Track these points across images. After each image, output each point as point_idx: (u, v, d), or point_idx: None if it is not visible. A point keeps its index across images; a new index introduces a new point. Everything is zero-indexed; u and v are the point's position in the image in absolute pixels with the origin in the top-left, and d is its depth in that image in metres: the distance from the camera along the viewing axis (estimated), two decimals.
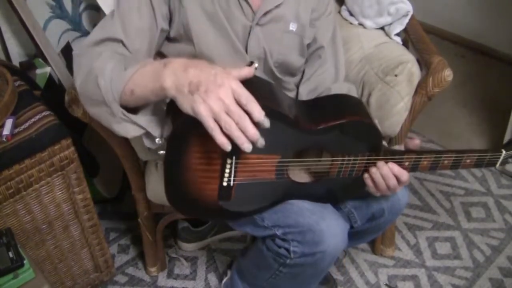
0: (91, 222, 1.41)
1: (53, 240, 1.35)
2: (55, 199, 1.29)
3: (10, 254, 0.99)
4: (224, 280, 1.54)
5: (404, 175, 1.02)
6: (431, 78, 1.30)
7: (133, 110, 0.94)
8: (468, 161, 1.04)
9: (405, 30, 1.51)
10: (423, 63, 1.37)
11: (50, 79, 1.56)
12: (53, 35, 1.72)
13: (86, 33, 1.82)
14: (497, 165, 1.06)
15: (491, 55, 2.59)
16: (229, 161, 0.97)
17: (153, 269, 1.63)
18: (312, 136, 0.98)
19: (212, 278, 1.63)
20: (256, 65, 0.90)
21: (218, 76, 0.82)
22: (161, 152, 0.97)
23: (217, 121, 0.81)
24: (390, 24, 1.52)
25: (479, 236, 1.76)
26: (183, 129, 0.92)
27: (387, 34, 1.53)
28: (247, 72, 0.87)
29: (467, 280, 1.62)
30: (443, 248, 1.73)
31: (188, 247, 1.70)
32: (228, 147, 0.82)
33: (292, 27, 1.13)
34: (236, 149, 0.84)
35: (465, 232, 1.78)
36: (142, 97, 0.90)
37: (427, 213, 1.85)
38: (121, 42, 1.00)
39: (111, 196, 1.81)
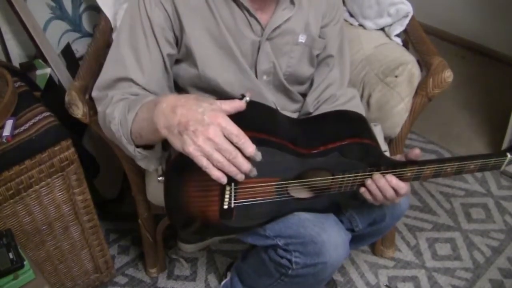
0: (91, 223, 1.41)
1: (53, 241, 1.35)
2: (55, 200, 1.29)
3: (10, 255, 0.99)
4: (224, 281, 1.54)
5: (403, 188, 1.01)
6: (431, 79, 1.30)
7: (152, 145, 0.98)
8: (472, 166, 1.02)
9: (405, 31, 1.51)
10: (423, 64, 1.37)
11: (50, 80, 1.56)
12: (53, 36, 1.73)
13: (86, 34, 1.83)
14: (502, 168, 1.04)
15: (491, 56, 2.59)
16: (228, 187, 0.98)
17: (153, 270, 1.63)
18: (311, 160, 0.98)
19: (212, 279, 1.63)
20: (247, 98, 0.87)
21: (206, 114, 0.80)
22: (160, 178, 0.98)
23: (209, 160, 0.80)
24: (390, 25, 1.52)
25: (479, 237, 1.76)
26: (181, 157, 0.91)
27: (387, 35, 1.53)
28: (237, 105, 0.84)
29: (467, 281, 1.62)
30: (443, 249, 1.72)
31: (188, 248, 1.70)
32: (224, 180, 0.82)
33: (302, 39, 1.13)
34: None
35: (465, 233, 1.78)
36: (150, 139, 0.93)
37: (427, 214, 1.85)
38: (131, 80, 1.02)
39: (111, 197, 1.81)
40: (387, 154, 1.39)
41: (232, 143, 0.80)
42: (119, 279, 1.62)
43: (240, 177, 0.82)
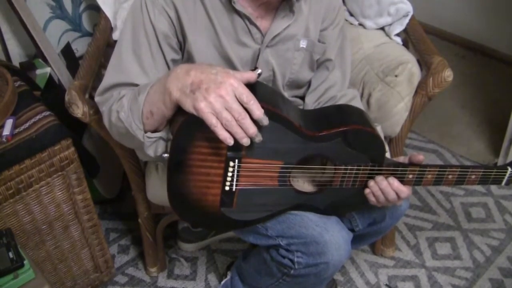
0: (91, 222, 1.41)
1: (53, 241, 1.35)
2: (55, 199, 1.29)
3: (10, 255, 0.99)
4: (224, 281, 1.54)
5: (404, 192, 1.01)
6: (431, 79, 1.30)
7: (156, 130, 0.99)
8: (473, 177, 1.03)
9: (405, 30, 1.51)
10: (424, 64, 1.37)
11: (50, 79, 1.56)
12: (53, 35, 1.73)
13: (86, 34, 1.83)
14: (503, 183, 1.05)
15: (491, 56, 2.59)
16: (231, 164, 0.97)
17: (153, 270, 1.63)
18: (314, 143, 0.98)
19: (212, 279, 1.63)
20: (259, 70, 0.91)
21: (219, 74, 0.84)
22: (165, 155, 0.98)
23: (218, 118, 0.83)
24: (390, 24, 1.52)
25: (479, 236, 1.76)
26: (186, 133, 0.92)
27: (387, 35, 1.53)
28: (249, 76, 0.88)
29: (467, 280, 1.62)
30: (443, 248, 1.73)
31: (188, 248, 1.70)
32: (230, 141, 0.84)
33: (303, 44, 1.13)
34: (239, 152, 0.84)
35: (465, 232, 1.78)
36: (161, 114, 0.93)
37: (427, 213, 1.85)
38: (135, 85, 1.02)
39: (111, 197, 1.81)
40: (387, 154, 1.39)
41: (241, 105, 0.83)
42: (119, 279, 1.63)
43: (245, 141, 0.85)
